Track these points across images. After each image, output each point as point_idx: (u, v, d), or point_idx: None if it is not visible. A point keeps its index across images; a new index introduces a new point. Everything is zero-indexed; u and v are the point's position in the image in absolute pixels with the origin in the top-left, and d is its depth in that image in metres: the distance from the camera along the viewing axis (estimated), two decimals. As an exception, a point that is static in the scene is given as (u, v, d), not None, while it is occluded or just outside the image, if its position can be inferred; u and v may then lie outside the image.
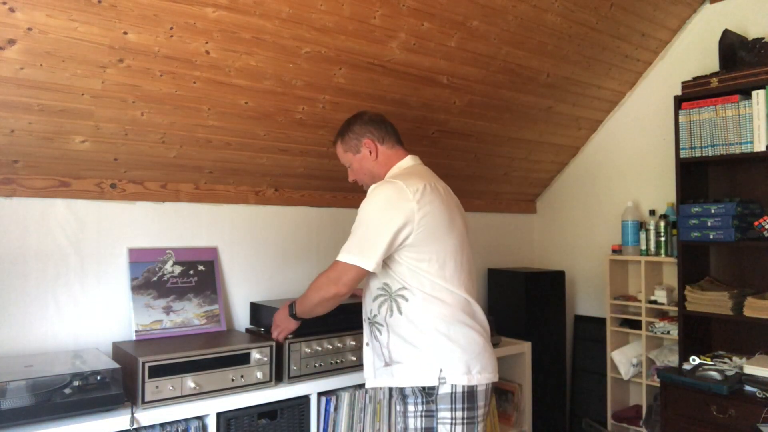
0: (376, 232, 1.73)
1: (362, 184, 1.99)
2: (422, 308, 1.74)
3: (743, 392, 2.37)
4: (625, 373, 3.10)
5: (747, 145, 2.54)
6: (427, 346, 1.73)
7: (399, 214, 1.72)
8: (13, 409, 1.59)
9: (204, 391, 1.91)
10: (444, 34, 2.38)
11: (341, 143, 1.99)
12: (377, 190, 1.78)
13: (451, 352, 1.72)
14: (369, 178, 1.95)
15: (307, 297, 1.89)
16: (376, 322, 1.82)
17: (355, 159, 1.96)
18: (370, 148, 1.93)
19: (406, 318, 1.75)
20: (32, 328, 2.03)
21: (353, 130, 1.96)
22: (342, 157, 2.00)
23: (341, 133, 1.99)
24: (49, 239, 2.07)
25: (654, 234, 3.07)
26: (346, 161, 1.99)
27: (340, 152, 2.00)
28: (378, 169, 1.94)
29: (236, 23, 1.93)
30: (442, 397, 1.71)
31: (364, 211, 1.78)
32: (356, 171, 1.98)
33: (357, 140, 1.95)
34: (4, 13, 1.58)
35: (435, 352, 1.72)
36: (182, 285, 2.30)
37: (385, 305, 1.79)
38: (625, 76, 3.24)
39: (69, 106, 1.87)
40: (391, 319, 1.78)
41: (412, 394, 1.75)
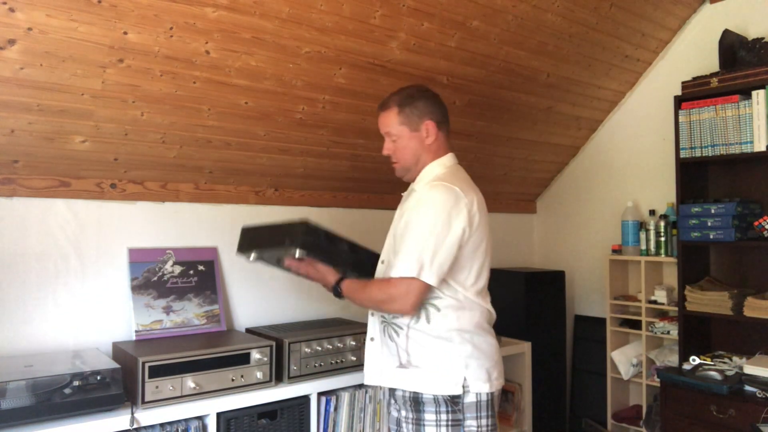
0: (441, 243, 1.62)
1: (397, 163, 1.83)
2: (452, 318, 1.67)
3: (743, 392, 2.37)
4: (625, 373, 3.10)
5: (747, 145, 2.54)
6: (452, 354, 1.67)
7: (460, 225, 1.64)
8: (13, 409, 1.59)
9: (204, 391, 1.91)
10: (444, 34, 2.38)
11: (399, 113, 1.77)
12: (438, 196, 1.66)
13: (476, 360, 1.68)
14: (411, 161, 1.80)
15: (361, 298, 1.75)
16: (394, 323, 1.73)
17: (408, 136, 1.78)
18: (429, 132, 1.78)
19: (434, 326, 1.67)
20: (32, 328, 2.03)
21: (417, 106, 1.78)
22: (391, 127, 1.79)
23: (402, 103, 1.78)
24: (49, 239, 2.07)
25: (654, 234, 3.07)
26: (395, 133, 1.78)
27: (393, 121, 1.78)
28: (425, 156, 1.79)
29: (236, 23, 1.93)
30: (468, 405, 1.66)
31: (427, 219, 1.65)
32: (401, 148, 1.80)
33: (419, 118, 1.77)
34: (4, 13, 1.58)
35: (460, 360, 1.67)
36: (182, 285, 2.30)
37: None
38: (625, 76, 3.24)
39: (69, 106, 1.87)
40: (416, 325, 1.69)
41: (432, 402, 1.66)
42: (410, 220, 1.68)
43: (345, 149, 2.64)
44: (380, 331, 1.79)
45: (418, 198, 1.71)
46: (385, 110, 1.81)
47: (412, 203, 1.73)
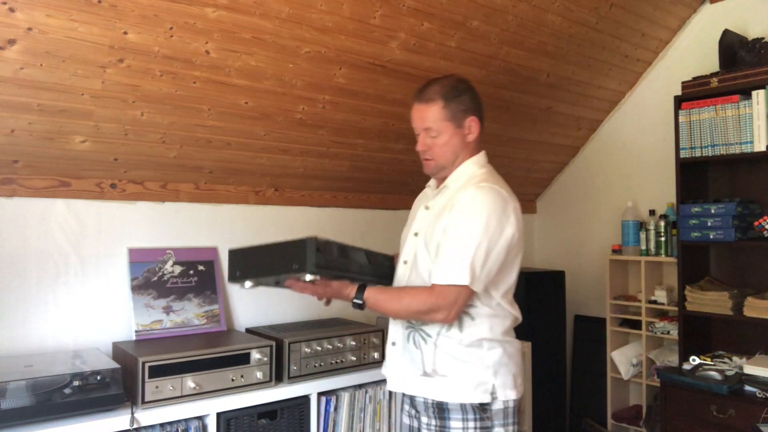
0: (492, 249, 1.54)
1: (432, 160, 1.68)
2: (485, 326, 1.61)
3: (743, 392, 2.37)
4: (625, 373, 3.10)
5: (747, 145, 2.54)
6: (481, 362, 1.60)
7: (510, 230, 1.57)
8: (13, 409, 1.60)
9: (204, 391, 1.91)
10: (444, 34, 2.38)
11: (444, 108, 1.63)
12: (488, 200, 1.56)
13: (504, 366, 1.63)
14: (450, 159, 1.67)
15: (392, 308, 1.62)
16: (423, 330, 1.63)
17: (452, 132, 1.64)
18: (472, 129, 1.66)
19: (466, 335, 1.60)
20: (32, 328, 2.03)
21: (463, 100, 1.64)
22: (433, 122, 1.63)
23: (448, 96, 1.63)
24: (49, 239, 2.07)
25: (654, 234, 3.07)
26: (437, 129, 1.64)
27: (436, 116, 1.63)
28: (464, 154, 1.68)
29: (236, 23, 1.93)
30: (497, 413, 1.61)
31: (477, 223, 1.54)
32: (440, 144, 1.65)
33: (463, 113, 1.64)
34: (4, 13, 1.58)
35: (489, 367, 1.60)
36: (182, 285, 2.30)
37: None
38: (625, 76, 3.24)
39: (69, 106, 1.87)
40: (447, 333, 1.60)
41: (459, 410, 1.59)
42: (457, 223, 1.56)
43: (345, 149, 2.64)
44: (404, 337, 1.68)
45: (464, 200, 1.58)
46: (426, 103, 1.64)
47: (457, 205, 1.58)
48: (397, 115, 2.60)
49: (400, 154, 2.82)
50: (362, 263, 1.68)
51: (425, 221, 1.69)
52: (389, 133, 2.68)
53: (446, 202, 1.64)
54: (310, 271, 1.49)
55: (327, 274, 1.56)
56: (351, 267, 1.64)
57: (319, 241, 1.54)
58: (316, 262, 1.50)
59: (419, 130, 1.68)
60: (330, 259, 1.56)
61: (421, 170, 1.76)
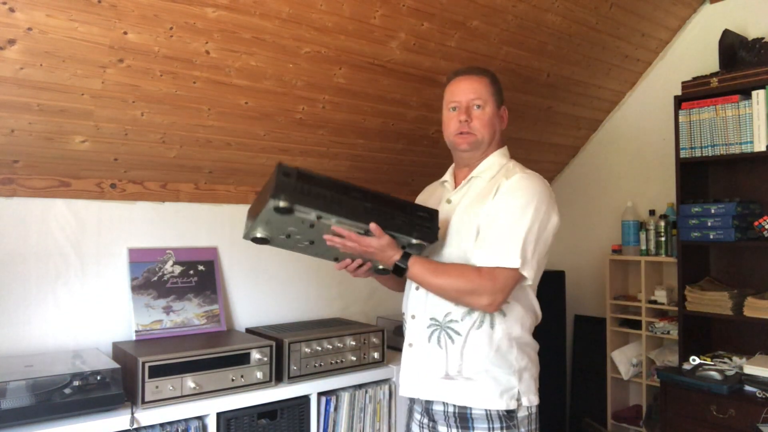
0: (541, 236, 1.51)
1: (474, 135, 1.62)
2: (516, 325, 1.55)
3: (743, 392, 2.37)
4: (625, 373, 3.10)
5: (747, 145, 2.54)
6: (509, 365, 1.53)
7: (555, 218, 1.55)
8: (13, 409, 1.60)
9: (204, 391, 1.91)
10: (444, 34, 2.38)
11: (492, 84, 1.65)
12: (537, 186, 1.55)
13: (528, 371, 1.57)
14: (489, 137, 1.63)
15: (436, 283, 1.51)
16: (451, 328, 1.54)
17: (493, 111, 1.64)
18: (504, 118, 1.70)
19: (497, 333, 1.52)
20: (32, 328, 2.03)
21: (500, 89, 1.69)
22: (483, 93, 1.63)
23: (493, 78, 1.68)
24: (49, 239, 2.07)
25: (654, 234, 3.07)
26: (485, 100, 1.62)
27: (487, 89, 1.63)
28: (495, 142, 1.67)
29: (236, 23, 1.93)
30: (522, 420, 1.54)
31: (528, 208, 1.50)
32: (485, 119, 1.62)
33: (501, 99, 1.68)
34: (4, 13, 1.58)
35: (516, 371, 1.54)
36: (182, 285, 2.30)
37: (475, 315, 1.52)
38: (625, 76, 3.24)
39: (69, 106, 1.87)
40: (477, 332, 1.52)
41: (484, 419, 1.51)
42: (505, 206, 1.51)
43: (345, 149, 2.64)
44: (425, 337, 1.58)
45: (511, 184, 1.54)
46: (478, 75, 1.66)
47: (503, 190, 1.54)
48: (397, 115, 2.60)
49: (400, 154, 2.82)
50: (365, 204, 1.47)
51: (448, 214, 1.63)
52: (389, 133, 2.68)
53: (480, 192, 1.60)
54: (272, 196, 1.33)
55: (306, 203, 1.37)
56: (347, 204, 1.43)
57: (287, 168, 1.39)
58: (283, 188, 1.35)
59: (463, 103, 1.63)
60: (304, 187, 1.38)
61: (422, 170, 1.77)
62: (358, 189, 1.46)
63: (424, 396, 1.58)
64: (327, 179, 1.43)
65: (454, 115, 1.65)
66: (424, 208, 1.54)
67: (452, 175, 1.75)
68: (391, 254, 1.51)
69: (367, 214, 1.44)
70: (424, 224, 1.50)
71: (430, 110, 2.70)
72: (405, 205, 1.51)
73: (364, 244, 1.47)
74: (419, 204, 1.57)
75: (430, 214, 1.53)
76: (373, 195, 1.47)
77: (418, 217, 1.50)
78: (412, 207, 1.52)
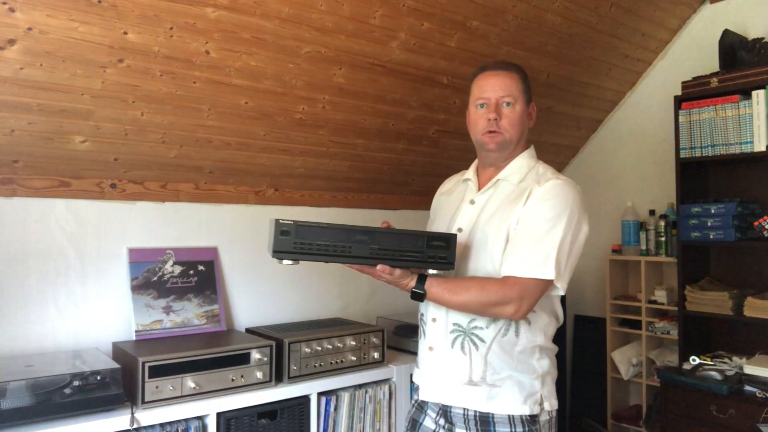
0: (573, 246, 1.48)
1: (503, 133, 1.56)
2: (540, 333, 1.53)
3: (743, 392, 2.37)
4: (625, 373, 3.10)
5: (747, 145, 2.54)
6: (532, 370, 1.52)
7: (586, 228, 1.52)
8: (13, 409, 1.59)
9: (204, 391, 1.91)
10: (444, 34, 2.38)
11: (522, 81, 1.59)
12: (570, 193, 1.50)
13: (550, 375, 1.57)
14: (517, 137, 1.57)
15: (459, 300, 1.48)
16: (475, 335, 1.51)
17: (523, 108, 1.58)
18: (533, 116, 1.64)
19: (521, 340, 1.51)
20: (32, 328, 2.03)
21: (529, 84, 1.63)
22: (514, 90, 1.56)
23: (523, 74, 1.61)
24: (49, 239, 2.07)
25: (654, 234, 3.07)
26: (515, 97, 1.56)
27: (517, 86, 1.57)
28: (522, 142, 1.61)
29: (236, 23, 1.93)
30: (544, 424, 1.53)
31: (561, 217, 1.46)
32: (516, 115, 1.56)
33: (530, 96, 1.62)
34: (4, 13, 1.58)
35: (540, 377, 1.53)
36: (182, 285, 2.30)
37: (500, 323, 1.51)
38: (625, 76, 3.24)
39: (69, 106, 1.87)
40: (503, 339, 1.50)
41: (507, 423, 1.49)
42: (538, 215, 1.47)
43: (345, 149, 2.64)
44: (447, 342, 1.55)
45: (544, 191, 1.49)
46: (508, 71, 1.58)
47: (535, 196, 1.49)
48: (397, 115, 2.61)
49: (400, 154, 2.82)
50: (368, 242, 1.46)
51: (471, 216, 1.58)
52: (389, 133, 2.68)
53: (508, 196, 1.54)
54: (274, 256, 1.40)
55: (294, 258, 1.41)
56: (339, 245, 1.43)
57: (284, 225, 1.40)
58: (284, 248, 1.39)
59: (492, 100, 1.56)
60: (302, 242, 1.41)
61: (422, 170, 1.77)
62: (363, 230, 1.43)
63: (445, 401, 1.55)
64: (327, 227, 1.42)
65: (483, 112, 1.57)
66: (439, 235, 1.48)
67: (476, 173, 1.68)
68: (406, 282, 1.49)
69: (374, 257, 1.43)
70: (438, 254, 1.46)
71: (430, 110, 2.70)
72: (416, 236, 1.46)
73: (376, 276, 1.47)
74: (433, 233, 1.50)
75: (447, 241, 1.47)
76: (381, 233, 1.44)
77: (432, 247, 1.46)
78: (425, 238, 1.46)
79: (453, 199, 1.70)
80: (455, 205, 1.66)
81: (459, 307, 1.49)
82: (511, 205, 1.52)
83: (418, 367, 1.68)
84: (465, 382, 1.52)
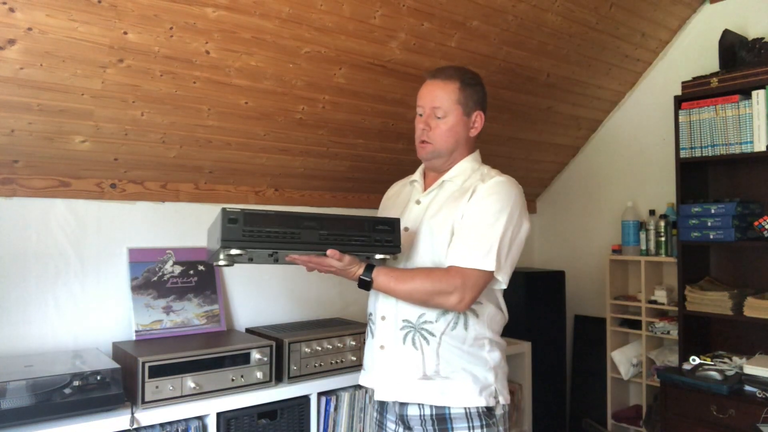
0: (514, 240, 1.54)
1: (431, 144, 1.61)
2: (487, 325, 1.57)
3: (743, 392, 2.37)
4: (625, 373, 3.10)
5: (747, 145, 2.54)
6: (485, 363, 1.55)
7: (526, 225, 1.58)
8: (13, 409, 1.59)
9: (204, 391, 1.91)
10: (444, 34, 2.38)
11: (460, 90, 1.59)
12: (512, 191, 1.56)
13: (501, 369, 1.59)
14: (449, 147, 1.62)
15: (404, 289, 1.50)
16: (425, 330, 1.54)
17: (458, 119, 1.60)
18: (477, 123, 1.65)
19: (471, 333, 1.54)
20: (32, 328, 2.03)
21: (477, 91, 1.63)
22: (445, 102, 1.58)
23: (465, 81, 1.61)
24: (49, 239, 2.07)
25: (654, 234, 3.07)
26: (447, 109, 1.59)
27: (449, 97, 1.58)
28: (463, 148, 1.64)
29: (236, 23, 1.93)
30: (499, 418, 1.55)
31: (502, 213, 1.51)
32: (445, 128, 1.60)
33: (474, 104, 1.62)
34: (4, 13, 1.58)
35: (491, 368, 1.55)
36: (182, 285, 2.30)
37: (449, 316, 1.53)
38: (625, 76, 3.24)
39: (69, 106, 1.87)
40: (453, 332, 1.53)
41: (463, 418, 1.50)
42: (481, 210, 1.51)
43: (345, 149, 2.64)
44: (398, 339, 1.57)
45: (487, 188, 1.54)
46: (444, 80, 1.60)
47: (479, 193, 1.54)
48: (397, 115, 2.60)
49: (400, 154, 2.82)
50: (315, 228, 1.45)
51: (417, 215, 1.63)
52: (389, 133, 2.68)
53: (452, 194, 1.59)
54: (221, 246, 1.36)
55: (243, 246, 1.38)
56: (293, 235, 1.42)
57: (232, 213, 1.37)
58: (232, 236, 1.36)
59: (426, 109, 1.62)
60: (251, 230, 1.38)
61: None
62: (311, 217, 1.46)
63: (401, 398, 1.55)
64: (276, 214, 1.42)
65: (418, 120, 1.64)
66: (384, 220, 1.53)
67: (422, 175, 1.74)
68: (354, 270, 1.51)
69: (323, 242, 1.45)
70: (384, 238, 1.50)
71: (430, 110, 2.70)
72: (362, 222, 1.50)
73: (325, 265, 1.48)
74: (377, 217, 1.56)
75: (391, 225, 1.52)
76: (328, 219, 1.47)
77: (378, 231, 1.50)
78: (371, 222, 1.50)
79: (400, 201, 1.75)
80: (402, 206, 1.71)
81: (405, 295, 1.51)
82: (455, 202, 1.56)
83: (364, 369, 1.69)
84: (419, 377, 1.53)
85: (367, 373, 1.67)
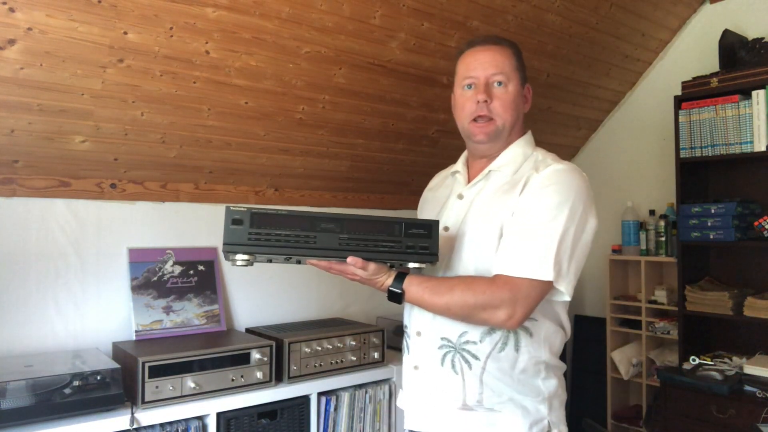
0: (578, 242, 1.25)
1: (495, 119, 1.36)
2: (544, 347, 1.33)
3: (743, 392, 2.37)
4: (625, 373, 3.10)
5: (747, 145, 2.54)
6: (537, 393, 1.33)
7: (593, 221, 1.29)
8: (13, 409, 1.60)
9: (204, 391, 1.91)
10: (444, 34, 2.38)
11: (515, 57, 1.38)
12: (574, 181, 1.28)
13: (558, 398, 1.38)
14: (512, 121, 1.38)
15: (443, 303, 1.26)
16: (467, 351, 1.29)
17: (517, 89, 1.37)
18: (528, 98, 1.44)
19: (522, 357, 1.29)
20: (32, 328, 2.03)
21: (524, 63, 1.41)
22: (506, 67, 1.35)
23: (516, 49, 1.40)
24: (49, 239, 2.07)
25: (654, 234, 3.07)
26: (508, 75, 1.35)
27: (510, 62, 1.36)
28: (518, 127, 1.41)
29: (236, 23, 1.93)
30: None
31: (560, 207, 1.24)
32: (510, 97, 1.35)
33: (525, 76, 1.42)
34: (4, 13, 1.58)
35: (546, 400, 1.34)
36: (182, 285, 2.30)
37: (496, 336, 1.28)
38: (625, 76, 3.24)
39: (69, 106, 1.87)
40: (500, 355, 1.28)
41: None
42: (535, 206, 1.25)
43: (345, 149, 2.64)
44: (435, 360, 1.33)
45: (543, 179, 1.28)
46: (499, 45, 1.37)
47: (533, 185, 1.28)
48: (397, 115, 2.60)
49: (400, 154, 2.82)
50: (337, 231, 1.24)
51: (459, 213, 1.38)
52: (389, 133, 2.68)
53: (500, 187, 1.34)
54: (223, 251, 1.19)
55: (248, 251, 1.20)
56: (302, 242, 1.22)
57: (237, 212, 1.19)
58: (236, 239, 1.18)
59: (483, 79, 1.35)
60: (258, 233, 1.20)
61: (422, 170, 1.77)
62: (330, 218, 1.24)
63: (439, 430, 1.33)
64: (288, 215, 1.21)
65: (470, 94, 1.36)
66: (419, 222, 1.29)
67: (465, 164, 1.47)
68: (382, 280, 1.29)
69: (344, 248, 1.23)
70: (419, 244, 1.26)
71: (430, 110, 2.70)
72: (392, 224, 1.27)
73: (349, 273, 1.27)
74: (410, 219, 1.30)
75: (428, 228, 1.28)
76: (350, 221, 1.25)
77: (411, 235, 1.26)
78: (402, 225, 1.27)
79: (440, 195, 1.50)
80: (442, 201, 1.46)
81: (442, 310, 1.27)
82: (504, 197, 1.31)
83: (402, 388, 1.45)
84: (458, 407, 1.30)
85: (404, 393, 1.44)
